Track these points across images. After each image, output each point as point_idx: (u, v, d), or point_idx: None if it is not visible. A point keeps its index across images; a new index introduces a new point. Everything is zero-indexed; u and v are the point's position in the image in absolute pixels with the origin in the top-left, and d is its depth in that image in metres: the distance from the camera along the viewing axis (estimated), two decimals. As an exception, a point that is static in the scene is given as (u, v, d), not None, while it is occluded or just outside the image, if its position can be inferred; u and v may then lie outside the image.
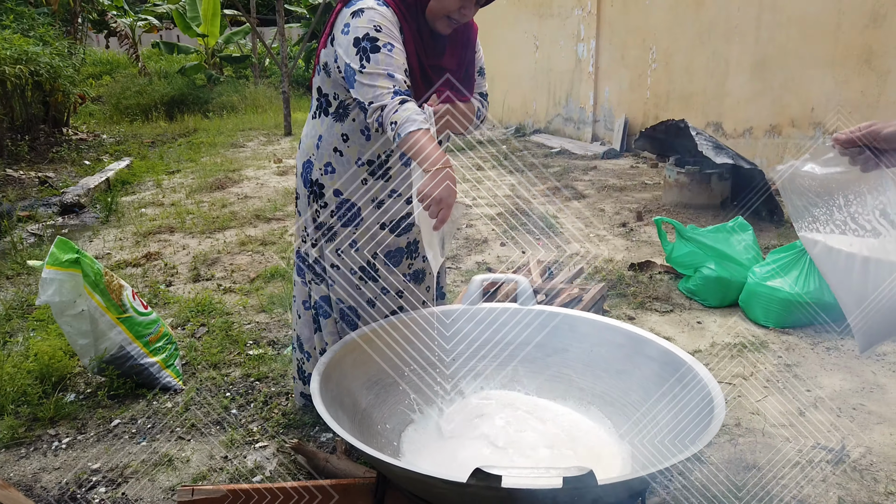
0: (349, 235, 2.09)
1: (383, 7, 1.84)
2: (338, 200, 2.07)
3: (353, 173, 2.04)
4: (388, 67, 1.76)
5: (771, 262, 3.18)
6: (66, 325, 2.63)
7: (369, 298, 2.17)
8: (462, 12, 1.88)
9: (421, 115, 1.71)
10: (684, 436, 1.56)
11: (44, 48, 8.28)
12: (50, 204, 5.99)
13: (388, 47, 1.78)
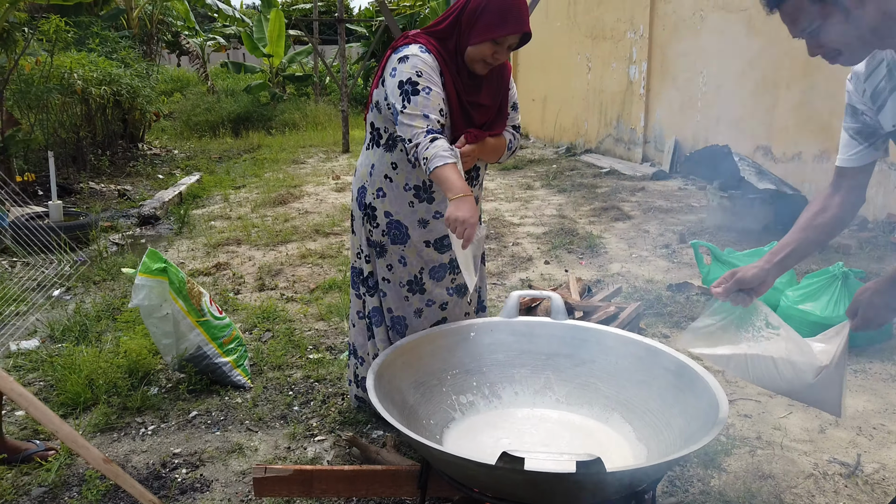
0: (398, 251, 2.38)
1: (426, 54, 2.14)
2: (388, 221, 2.36)
3: (401, 197, 2.33)
4: (425, 109, 2.05)
5: (804, 285, 3.31)
6: (153, 326, 2.99)
7: (417, 309, 2.45)
8: (495, 56, 2.15)
9: (448, 151, 1.99)
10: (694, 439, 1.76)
11: (125, 70, 8.94)
12: (129, 215, 6.51)
13: (426, 91, 2.07)
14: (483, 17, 2.10)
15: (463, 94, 2.21)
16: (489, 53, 2.14)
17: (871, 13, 1.32)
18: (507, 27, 2.10)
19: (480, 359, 2.27)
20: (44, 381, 3.12)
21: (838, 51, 1.40)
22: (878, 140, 1.59)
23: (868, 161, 1.62)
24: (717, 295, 1.74)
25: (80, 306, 3.95)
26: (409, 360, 2.11)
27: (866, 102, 1.55)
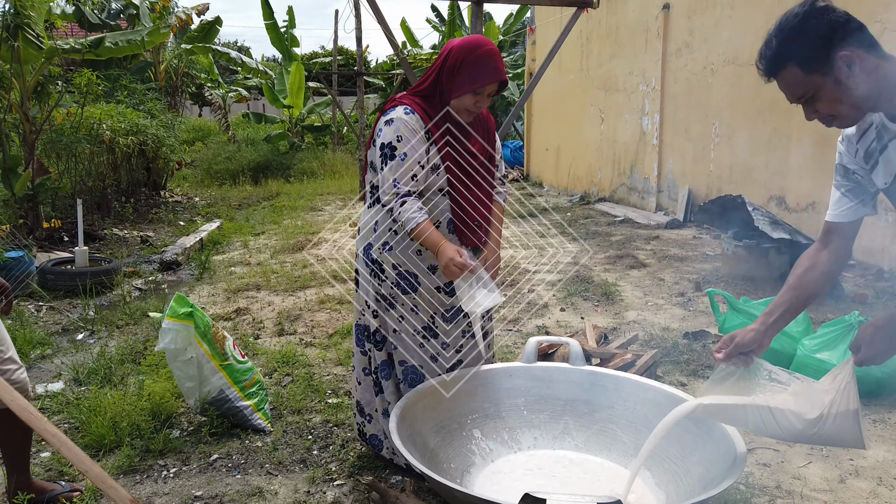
0: (410, 300, 2.45)
1: (409, 115, 2.32)
2: (397, 273, 2.44)
3: (407, 246, 2.42)
4: (397, 175, 2.27)
5: (820, 335, 3.32)
6: (177, 369, 3.05)
7: (432, 354, 2.49)
8: (477, 105, 2.34)
9: (417, 212, 2.22)
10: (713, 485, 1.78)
11: (151, 121, 9.24)
12: (151, 261, 6.65)
13: (402, 157, 2.28)
14: (462, 71, 2.27)
15: (458, 147, 2.38)
16: (472, 103, 2.32)
17: (860, 83, 1.44)
18: (486, 78, 2.27)
19: (500, 404, 2.31)
20: (68, 423, 3.18)
21: (833, 116, 1.51)
22: (868, 197, 1.68)
23: (857, 217, 1.70)
24: (719, 360, 1.82)
25: (103, 349, 4.02)
26: (430, 404, 2.16)
27: (859, 162, 1.64)
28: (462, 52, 2.28)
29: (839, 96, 1.47)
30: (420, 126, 2.32)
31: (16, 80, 6.63)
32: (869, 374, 3.13)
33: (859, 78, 1.44)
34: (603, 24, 10.10)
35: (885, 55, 1.49)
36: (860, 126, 1.62)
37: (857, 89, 1.45)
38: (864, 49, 1.46)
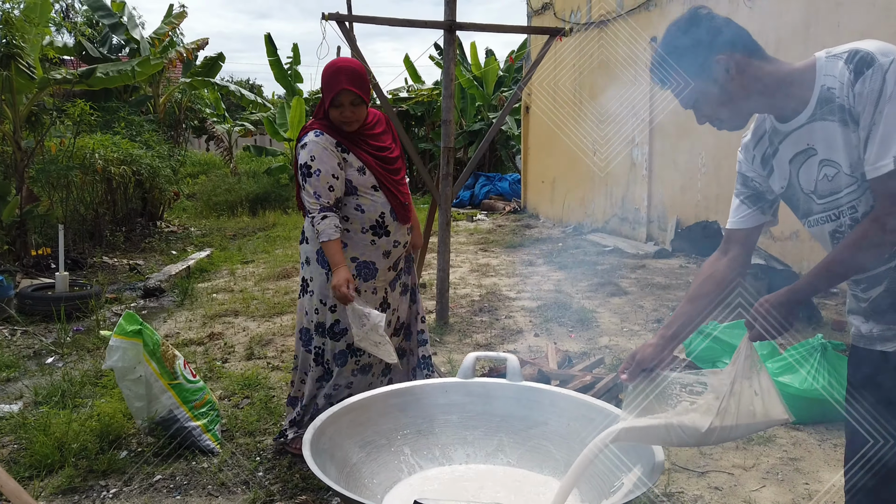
0: (370, 286, 2.79)
1: (319, 137, 2.65)
2: (356, 264, 2.75)
3: (362, 239, 2.74)
4: (316, 189, 2.60)
5: (784, 357, 3.25)
6: (126, 388, 3.02)
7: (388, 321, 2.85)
8: (345, 115, 2.63)
9: (332, 229, 2.58)
10: (636, 500, 1.71)
11: (146, 151, 9.35)
12: (135, 288, 6.65)
13: (317, 173, 2.61)
14: (323, 91, 2.65)
15: (370, 149, 2.72)
16: (338, 114, 2.63)
17: (738, 86, 1.48)
18: (332, 90, 2.59)
19: (433, 419, 2.26)
20: (17, 443, 3.14)
21: (719, 119, 1.54)
22: (766, 204, 1.67)
23: (755, 224, 1.69)
24: (624, 380, 1.78)
25: (67, 372, 4.00)
26: (356, 419, 2.11)
27: (756, 169, 1.64)
28: (322, 76, 2.67)
29: (720, 99, 1.49)
30: (331, 143, 2.65)
31: (8, 109, 6.75)
32: (832, 398, 3.04)
33: (738, 81, 1.47)
34: (594, 58, 10.22)
35: (767, 58, 1.50)
36: (756, 132, 1.63)
37: (736, 92, 1.47)
38: (743, 53, 1.48)
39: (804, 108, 1.46)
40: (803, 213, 1.59)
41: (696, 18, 1.50)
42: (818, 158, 1.47)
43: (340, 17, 4.41)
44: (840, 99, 1.38)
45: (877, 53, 1.34)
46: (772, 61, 1.50)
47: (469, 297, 5.85)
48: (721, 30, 1.48)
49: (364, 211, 2.71)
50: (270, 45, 15.93)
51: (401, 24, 4.59)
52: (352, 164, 2.68)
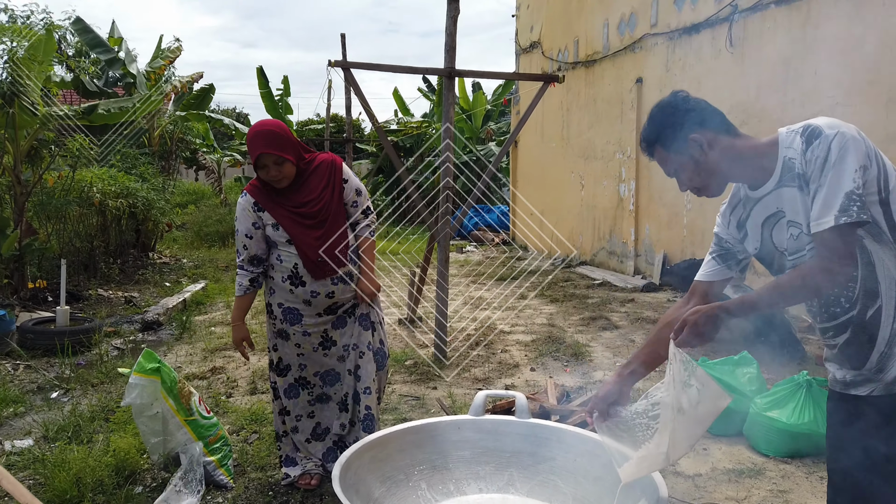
0: (300, 328, 2.99)
1: (243, 198, 2.93)
2: (281, 310, 3.00)
3: (283, 288, 2.97)
4: (237, 247, 2.94)
5: (772, 393, 3.42)
6: (143, 424, 3.12)
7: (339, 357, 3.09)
8: (270, 174, 2.83)
9: (240, 288, 2.96)
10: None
11: (142, 184, 9.47)
12: (133, 321, 6.72)
13: (238, 232, 2.94)
14: (248, 149, 2.86)
15: (285, 206, 2.90)
16: (264, 175, 2.85)
17: (711, 159, 1.69)
18: (252, 154, 2.81)
19: (447, 455, 2.39)
20: (34, 479, 3.21)
21: (697, 188, 1.75)
22: (734, 262, 1.85)
23: (720, 278, 1.86)
24: (591, 422, 1.96)
25: (75, 407, 4.07)
26: (377, 455, 2.24)
27: (732, 233, 1.84)
28: (248, 136, 2.88)
29: (697, 171, 1.71)
30: (249, 204, 2.91)
31: (10, 144, 6.86)
32: (817, 432, 3.21)
33: (710, 155, 1.68)
34: (582, 95, 10.54)
35: (737, 134, 1.72)
36: (731, 200, 1.83)
37: (710, 165, 1.69)
38: (715, 131, 1.69)
39: (771, 177, 1.66)
40: (777, 269, 1.77)
41: (675, 101, 1.73)
42: (786, 220, 1.66)
43: (345, 65, 4.62)
44: (797, 167, 1.58)
45: (824, 127, 1.54)
46: (741, 137, 1.72)
47: (465, 331, 5.99)
48: (695, 111, 1.70)
49: (282, 261, 2.94)
50: (262, 77, 16.19)
51: (403, 71, 4.81)
52: (267, 221, 2.91)
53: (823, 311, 1.68)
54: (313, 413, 3.12)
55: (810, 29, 5.97)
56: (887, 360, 1.59)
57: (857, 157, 1.49)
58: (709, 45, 7.43)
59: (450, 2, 4.76)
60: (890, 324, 1.57)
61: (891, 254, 1.55)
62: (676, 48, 8.05)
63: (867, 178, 1.51)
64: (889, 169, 1.56)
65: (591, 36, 10.22)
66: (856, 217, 1.47)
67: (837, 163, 1.49)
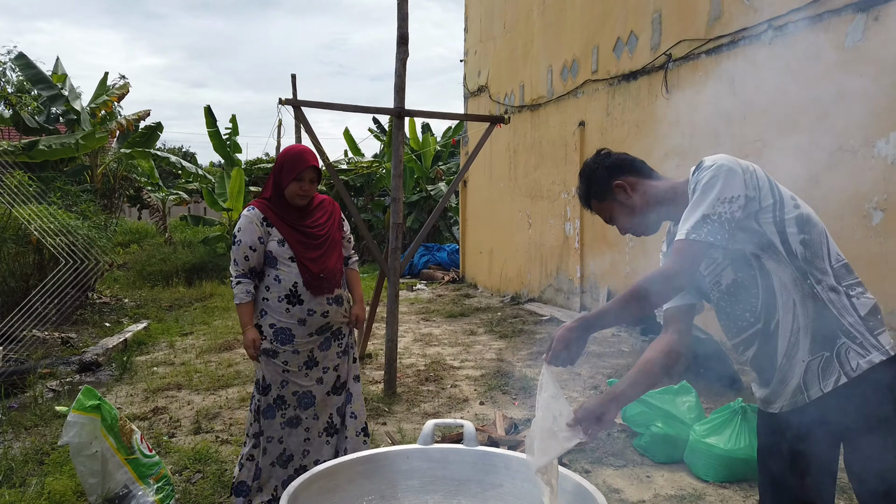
0: (291, 347, 3.04)
1: (250, 211, 3.04)
2: (273, 330, 3.04)
3: (279, 307, 3.03)
4: (235, 256, 3.01)
5: (710, 420, 3.55)
6: (81, 464, 3.02)
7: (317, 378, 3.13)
8: (303, 188, 3.01)
9: (243, 293, 3.00)
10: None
11: (83, 222, 9.23)
12: (70, 362, 6.48)
13: (238, 242, 3.00)
14: (284, 168, 3.02)
15: (294, 223, 3.06)
16: (298, 188, 3.02)
17: (636, 202, 1.87)
18: (300, 166, 2.99)
19: (396, 485, 2.40)
20: (-41, 525, 3.06)
21: (633, 229, 1.93)
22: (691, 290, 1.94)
23: (684, 303, 1.93)
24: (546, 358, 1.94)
25: (7, 451, 3.90)
26: (325, 486, 2.23)
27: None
28: (282, 156, 3.08)
29: (626, 214, 1.89)
30: (257, 217, 3.02)
31: (-57, 180, 6.63)
32: (753, 457, 3.34)
33: (634, 198, 1.87)
34: (528, 137, 10.86)
35: (658, 177, 1.90)
36: (667, 237, 1.98)
37: (636, 207, 1.87)
38: (636, 176, 1.88)
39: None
40: (706, 297, 1.91)
41: (597, 159, 1.95)
42: None
43: (296, 103, 4.69)
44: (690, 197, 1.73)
45: (707, 160, 1.72)
46: (661, 179, 1.89)
47: (415, 367, 6.00)
48: (616, 163, 1.90)
49: (280, 281, 3.03)
50: (210, 116, 16.08)
51: (353, 110, 4.90)
52: (274, 236, 3.03)
53: (732, 325, 1.83)
54: (283, 438, 3.12)
55: (738, 77, 6.37)
56: (787, 372, 1.72)
57: (726, 187, 1.64)
58: (646, 91, 7.81)
59: (399, 45, 4.91)
60: (787, 337, 1.71)
61: (788, 272, 1.69)
62: (616, 94, 8.43)
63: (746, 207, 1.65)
64: (786, 200, 1.70)
65: (535, 81, 10.59)
66: (703, 237, 1.63)
67: (705, 189, 1.65)
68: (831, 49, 5.25)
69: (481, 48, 12.93)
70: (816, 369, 1.67)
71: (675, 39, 7.20)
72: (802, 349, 1.69)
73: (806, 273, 1.67)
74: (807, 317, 1.68)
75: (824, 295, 1.66)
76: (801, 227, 1.69)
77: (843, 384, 1.64)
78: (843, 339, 1.65)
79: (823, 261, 1.68)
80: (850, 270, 1.71)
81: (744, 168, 1.69)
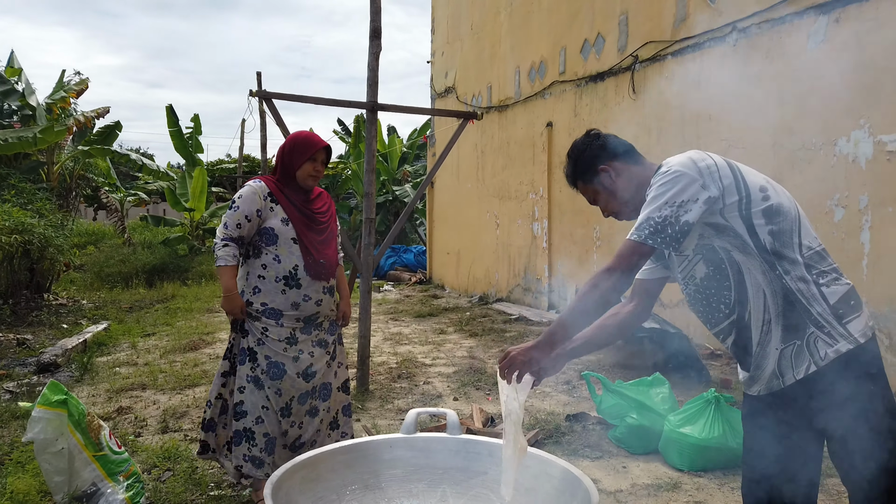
0: (272, 323, 3.01)
1: (256, 182, 3.03)
2: (265, 308, 3.01)
3: (274, 288, 3.00)
4: (227, 220, 2.95)
5: (683, 411, 3.60)
6: (46, 462, 2.90)
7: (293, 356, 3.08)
8: (316, 169, 3.06)
9: (231, 257, 2.92)
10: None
11: (39, 220, 8.94)
12: (27, 364, 6.25)
13: (235, 208, 2.96)
14: (296, 150, 3.04)
15: (300, 205, 3.07)
16: (311, 168, 3.05)
17: (620, 185, 1.91)
18: (313, 147, 3.04)
19: (379, 475, 2.36)
20: (-86, 528, 2.91)
21: (615, 212, 1.97)
22: (667, 262, 1.98)
23: (658, 276, 2.00)
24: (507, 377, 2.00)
25: (-37, 452, 3.73)
26: (308, 475, 2.19)
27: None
28: (293, 139, 3.09)
29: (610, 197, 1.93)
30: (262, 190, 3.00)
31: None
32: (727, 446, 3.40)
33: (618, 182, 1.91)
34: (495, 138, 10.91)
35: (642, 163, 1.93)
36: None
37: (619, 191, 1.91)
38: (622, 161, 1.92)
39: None
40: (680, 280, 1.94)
41: (587, 140, 1.99)
42: None
43: (266, 95, 4.61)
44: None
45: (665, 163, 1.77)
46: (644, 164, 1.93)
47: (386, 365, 5.95)
48: (604, 146, 1.94)
49: (280, 261, 2.99)
50: (172, 115, 15.77)
51: (325, 103, 4.85)
52: (277, 213, 3.00)
53: (710, 316, 1.86)
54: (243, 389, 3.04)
55: (703, 78, 6.50)
56: (762, 360, 1.76)
57: (680, 192, 1.68)
58: (613, 91, 7.92)
59: (372, 38, 4.88)
60: (759, 326, 1.74)
61: (756, 264, 1.72)
62: (583, 94, 8.53)
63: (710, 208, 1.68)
64: (753, 194, 1.73)
65: (503, 82, 10.65)
66: (643, 239, 1.69)
67: (658, 193, 1.71)
68: (794, 51, 5.40)
69: (448, 49, 12.96)
70: (790, 356, 1.71)
71: (642, 41, 7.32)
72: (775, 338, 1.73)
73: (774, 264, 1.70)
74: (777, 307, 1.71)
75: (793, 285, 1.69)
76: (769, 217, 1.72)
77: (813, 372, 1.67)
78: (812, 329, 1.68)
79: (793, 251, 1.71)
80: (823, 257, 1.74)
81: (704, 169, 1.71)
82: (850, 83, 4.86)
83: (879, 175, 4.73)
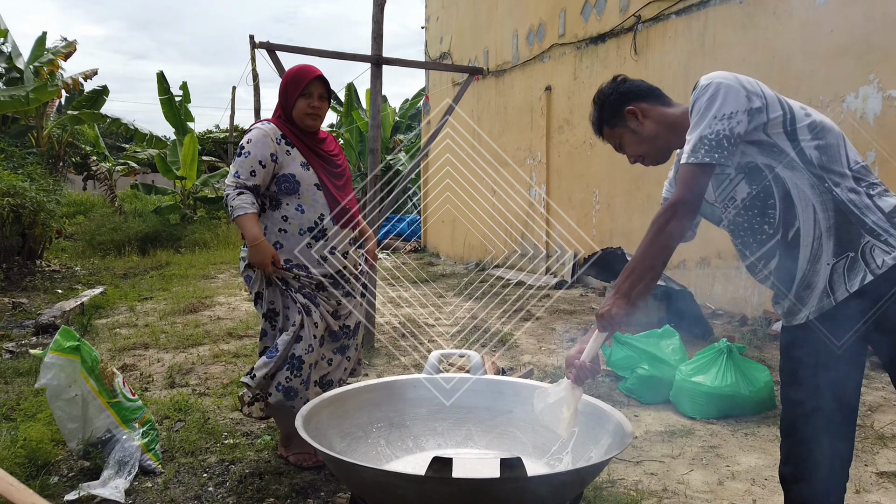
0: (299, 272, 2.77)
1: (265, 124, 2.77)
2: (288, 265, 2.76)
3: (298, 241, 2.76)
4: (239, 168, 2.68)
5: (695, 360, 3.62)
6: (59, 409, 2.86)
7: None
8: (313, 106, 2.76)
9: (249, 204, 2.63)
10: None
11: (31, 184, 8.78)
12: (24, 326, 6.18)
13: (246, 154, 2.69)
14: (289, 85, 2.78)
15: (313, 147, 2.83)
16: (306, 105, 2.76)
17: (646, 128, 1.87)
18: (305, 79, 2.75)
19: (404, 413, 2.35)
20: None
21: (641, 156, 1.92)
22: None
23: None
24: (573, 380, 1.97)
25: (-31, 405, 3.69)
26: (335, 412, 2.18)
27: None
28: (286, 76, 2.83)
29: (636, 141, 1.89)
30: (274, 132, 2.75)
31: None
32: (739, 394, 3.42)
33: (645, 124, 1.87)
34: (492, 104, 10.81)
35: (668, 103, 1.89)
36: (675, 165, 1.97)
37: (646, 132, 1.87)
38: (649, 103, 1.87)
39: None
40: (717, 221, 1.91)
41: (612, 84, 1.94)
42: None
43: (270, 47, 4.51)
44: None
45: (704, 79, 1.70)
46: (671, 105, 1.89)
47: (389, 324, 5.94)
48: (630, 89, 1.90)
49: (304, 212, 2.74)
50: (163, 82, 15.48)
51: (329, 56, 4.75)
52: (295, 158, 2.74)
53: (752, 241, 1.81)
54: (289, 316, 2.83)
55: (708, 37, 6.44)
56: (813, 277, 1.71)
57: (724, 104, 1.63)
58: (614, 53, 7.83)
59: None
60: (809, 242, 1.70)
61: (804, 179, 1.68)
62: (584, 57, 8.44)
63: (752, 120, 1.65)
64: (796, 111, 1.70)
65: (500, 46, 10.52)
66: (700, 159, 1.64)
67: (703, 109, 1.65)
68: (802, 7, 5.34)
69: (444, 14, 12.76)
70: (842, 270, 1.68)
71: (645, 1, 7.23)
72: (826, 253, 1.69)
73: (823, 177, 1.67)
74: (828, 220, 1.68)
75: (844, 196, 1.66)
76: (815, 133, 1.69)
77: (870, 282, 1.64)
78: (868, 238, 1.65)
79: (841, 164, 1.68)
80: (869, 171, 1.72)
81: (745, 81, 1.68)
82: (859, 38, 4.83)
83: (888, 130, 4.72)
